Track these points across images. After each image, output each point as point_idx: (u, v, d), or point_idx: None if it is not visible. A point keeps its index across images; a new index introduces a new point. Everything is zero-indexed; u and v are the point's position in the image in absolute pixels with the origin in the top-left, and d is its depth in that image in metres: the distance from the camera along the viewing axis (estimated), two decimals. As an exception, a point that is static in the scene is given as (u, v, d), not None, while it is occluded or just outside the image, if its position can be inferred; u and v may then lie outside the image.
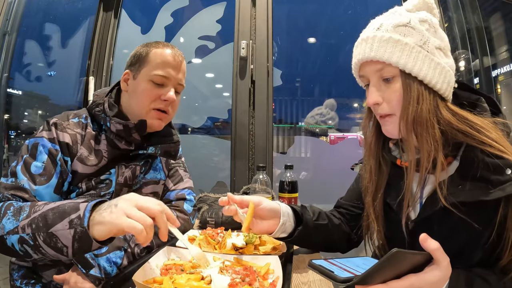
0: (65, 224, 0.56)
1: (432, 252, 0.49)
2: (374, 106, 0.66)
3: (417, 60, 0.60)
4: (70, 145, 0.80)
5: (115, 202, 0.54)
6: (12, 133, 2.22)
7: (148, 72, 0.85)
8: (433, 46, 0.61)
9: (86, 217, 0.55)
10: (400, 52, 0.60)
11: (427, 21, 0.62)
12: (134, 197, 0.55)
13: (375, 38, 0.62)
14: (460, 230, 0.60)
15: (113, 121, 0.82)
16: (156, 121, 0.87)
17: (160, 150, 0.91)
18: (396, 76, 0.62)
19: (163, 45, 0.88)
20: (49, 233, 0.57)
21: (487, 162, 0.56)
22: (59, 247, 0.56)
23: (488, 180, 0.56)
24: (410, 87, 0.60)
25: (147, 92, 0.84)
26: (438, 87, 0.60)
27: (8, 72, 2.02)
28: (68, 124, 0.82)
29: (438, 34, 0.63)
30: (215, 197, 1.33)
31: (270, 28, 1.70)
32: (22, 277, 0.81)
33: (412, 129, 0.60)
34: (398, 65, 0.60)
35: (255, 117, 1.65)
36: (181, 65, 0.89)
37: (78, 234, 0.54)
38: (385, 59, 0.60)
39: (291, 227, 0.75)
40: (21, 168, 0.75)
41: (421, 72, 0.60)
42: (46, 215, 0.58)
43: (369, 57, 0.62)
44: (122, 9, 1.91)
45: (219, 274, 0.58)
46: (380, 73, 0.63)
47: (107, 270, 0.70)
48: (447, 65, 0.62)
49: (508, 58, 2.15)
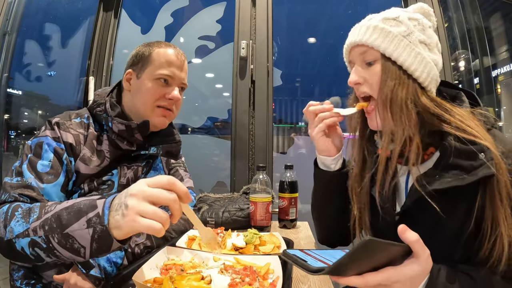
0: (82, 224, 0.52)
1: (411, 244, 0.48)
2: (356, 86, 0.70)
3: (398, 46, 0.63)
4: (73, 146, 0.79)
5: (125, 201, 0.49)
6: (12, 133, 2.22)
7: (152, 72, 0.85)
8: (416, 39, 0.64)
9: (105, 214, 0.51)
10: (383, 37, 0.64)
11: (417, 20, 0.66)
12: (142, 188, 0.49)
13: (363, 26, 0.68)
14: (442, 221, 0.60)
15: (115, 121, 0.82)
16: (161, 118, 0.87)
17: (162, 150, 0.91)
18: (378, 60, 0.66)
19: (165, 44, 0.89)
20: (65, 234, 0.53)
21: (461, 149, 0.58)
22: (76, 248, 0.53)
23: (462, 166, 0.57)
24: (389, 69, 0.64)
25: (152, 91, 0.84)
26: (417, 75, 0.63)
27: (8, 72, 2.02)
28: (70, 124, 0.82)
29: (426, 32, 0.66)
30: (215, 197, 1.33)
31: (270, 28, 1.70)
32: (22, 277, 0.80)
33: (388, 108, 0.63)
34: (379, 48, 0.64)
35: (255, 117, 1.65)
36: (184, 65, 0.90)
37: (98, 233, 0.50)
38: (369, 42, 0.65)
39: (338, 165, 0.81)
40: (27, 166, 0.73)
41: (400, 57, 0.63)
42: (60, 215, 0.55)
43: (356, 41, 0.67)
44: (122, 9, 1.91)
45: (219, 274, 0.58)
46: (363, 56, 0.67)
47: (107, 270, 0.70)
48: (429, 58, 0.64)
49: (508, 58, 2.15)
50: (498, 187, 0.55)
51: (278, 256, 0.68)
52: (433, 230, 0.61)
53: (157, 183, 0.49)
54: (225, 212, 1.16)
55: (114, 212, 0.50)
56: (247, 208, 1.17)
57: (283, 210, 1.18)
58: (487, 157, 0.55)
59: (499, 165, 0.55)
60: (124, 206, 0.49)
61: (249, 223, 1.14)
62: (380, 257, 0.48)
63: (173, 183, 0.50)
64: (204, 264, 0.66)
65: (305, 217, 1.43)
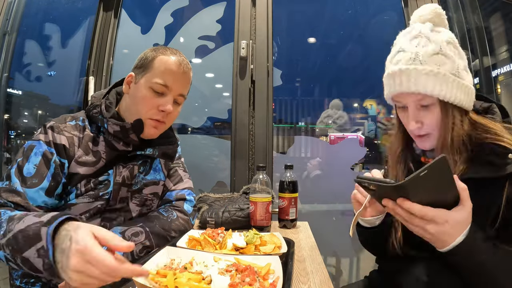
0: (33, 253, 0.54)
1: (460, 191, 0.56)
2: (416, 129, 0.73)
3: (453, 88, 0.67)
4: (67, 147, 0.80)
5: (67, 252, 0.49)
6: (12, 133, 2.22)
7: (149, 79, 0.83)
8: (461, 70, 0.69)
9: (50, 250, 0.52)
10: (440, 85, 0.66)
11: (451, 43, 0.70)
12: (87, 249, 0.48)
13: (412, 71, 0.67)
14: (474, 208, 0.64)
15: (110, 122, 0.82)
16: (152, 129, 0.86)
17: (158, 151, 0.91)
18: (435, 103, 0.69)
19: (171, 52, 0.86)
20: (23, 257, 0.55)
21: (493, 150, 0.65)
22: (36, 269, 0.55)
23: (493, 163, 0.64)
24: (448, 112, 0.69)
25: (145, 100, 0.83)
26: (467, 106, 0.70)
27: (8, 72, 2.02)
28: (65, 127, 0.82)
29: (461, 52, 0.71)
30: (215, 197, 1.33)
31: (270, 28, 1.70)
32: (21, 276, 0.80)
33: (449, 147, 0.69)
34: (439, 96, 0.67)
35: (255, 117, 1.65)
36: (185, 76, 0.87)
37: (47, 265, 0.52)
38: (428, 91, 0.67)
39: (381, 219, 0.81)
40: (14, 171, 0.75)
41: (456, 98, 0.68)
42: (16, 237, 0.57)
43: (411, 90, 0.68)
44: (122, 9, 1.91)
45: (219, 274, 0.58)
46: (419, 102, 0.70)
47: (107, 270, 0.70)
48: (470, 83, 0.70)
49: (508, 58, 2.15)
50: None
51: (280, 255, 0.68)
52: None
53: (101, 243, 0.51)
54: (225, 212, 1.16)
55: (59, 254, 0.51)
56: (247, 208, 1.17)
57: (283, 210, 1.18)
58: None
59: None
60: (65, 258, 0.50)
61: (249, 223, 1.14)
62: (440, 190, 0.56)
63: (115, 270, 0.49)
64: (204, 264, 0.66)
65: (305, 217, 1.43)
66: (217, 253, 0.73)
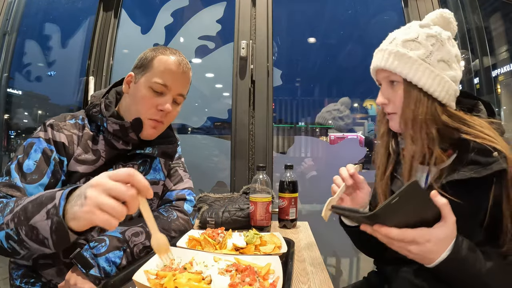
0: (42, 215, 0.53)
1: (440, 207, 0.56)
2: (382, 105, 0.78)
3: (418, 71, 0.70)
4: (66, 145, 0.80)
5: (84, 192, 0.49)
6: (12, 133, 2.22)
7: (149, 79, 0.83)
8: (435, 59, 0.70)
9: (61, 205, 0.51)
10: (404, 64, 0.71)
11: (435, 36, 0.72)
12: (102, 181, 0.49)
13: (386, 50, 0.74)
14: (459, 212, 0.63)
15: (110, 121, 0.83)
16: (150, 130, 0.86)
17: (157, 150, 0.91)
18: (400, 82, 0.73)
19: (170, 52, 0.86)
20: (30, 225, 0.54)
21: (478, 148, 0.65)
22: (41, 239, 0.54)
23: (478, 162, 0.64)
24: (410, 93, 0.71)
25: (145, 100, 0.83)
26: (437, 95, 0.70)
27: (8, 72, 2.02)
28: (64, 125, 0.83)
29: (445, 48, 0.71)
30: (215, 197, 1.33)
31: (270, 28, 1.70)
32: (21, 276, 0.80)
33: (410, 126, 0.71)
34: (401, 74, 0.71)
35: (255, 117, 1.65)
36: (184, 76, 0.87)
37: (55, 225, 0.51)
38: (391, 69, 0.72)
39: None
40: (14, 166, 0.75)
41: (420, 81, 0.70)
42: (26, 207, 0.57)
43: (380, 66, 0.74)
44: (122, 9, 1.91)
45: (219, 274, 0.58)
46: (388, 79, 0.76)
47: (106, 270, 0.70)
48: (448, 76, 0.70)
49: (508, 58, 2.15)
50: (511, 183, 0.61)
51: (280, 255, 0.68)
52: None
53: (117, 176, 0.49)
54: (225, 212, 1.16)
55: (73, 203, 0.51)
56: (247, 208, 1.17)
57: (283, 210, 1.18)
58: (501, 155, 0.62)
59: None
60: (83, 197, 0.49)
61: (249, 223, 1.14)
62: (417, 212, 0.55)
63: (132, 175, 0.49)
64: (204, 264, 0.66)
65: (305, 217, 1.43)
66: (217, 253, 0.73)
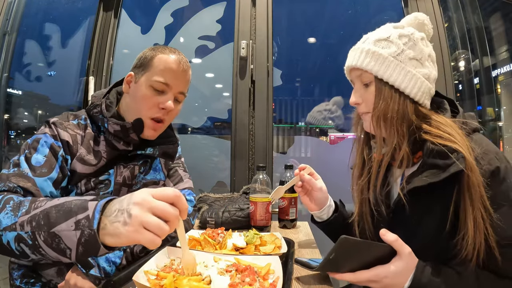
0: (70, 225, 0.50)
1: (391, 243, 0.57)
2: (356, 105, 0.78)
3: (389, 67, 0.70)
4: (70, 144, 0.80)
5: (127, 208, 0.47)
6: (12, 133, 2.22)
7: (149, 77, 0.84)
8: (406, 57, 0.70)
9: (96, 218, 0.48)
10: (375, 61, 0.71)
11: (407, 36, 0.71)
12: (147, 199, 0.47)
13: (358, 49, 0.74)
14: (424, 218, 0.66)
15: (111, 122, 0.83)
16: (150, 131, 0.86)
17: (158, 151, 0.91)
18: (372, 81, 0.72)
19: (169, 51, 0.87)
20: (51, 232, 0.51)
21: (437, 150, 0.64)
22: (62, 248, 0.51)
23: (438, 165, 0.64)
24: (381, 90, 0.71)
25: (145, 98, 0.83)
26: (408, 92, 0.69)
27: (8, 72, 2.02)
28: (68, 125, 0.83)
29: (417, 47, 0.71)
30: (215, 197, 1.33)
31: (270, 28, 1.70)
32: (21, 276, 0.81)
33: (381, 123, 0.71)
34: (372, 71, 0.71)
35: (255, 117, 1.65)
36: (185, 74, 0.87)
37: (85, 237, 0.48)
38: (363, 67, 0.72)
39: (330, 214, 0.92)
40: (23, 159, 0.75)
41: (391, 77, 0.69)
42: (48, 212, 0.53)
43: (352, 65, 0.74)
44: (122, 9, 1.91)
45: (219, 275, 0.58)
46: (360, 78, 0.75)
47: (106, 270, 0.70)
48: (420, 74, 0.70)
49: (508, 58, 2.15)
50: (468, 186, 0.60)
51: (280, 255, 0.68)
52: (417, 227, 0.68)
53: (163, 195, 0.48)
54: (225, 212, 1.16)
55: (113, 218, 0.48)
56: (247, 208, 1.17)
57: (283, 210, 1.18)
58: (458, 156, 0.61)
59: (470, 165, 0.60)
60: (127, 214, 0.46)
61: (249, 223, 1.14)
62: (366, 255, 0.56)
63: (179, 197, 0.48)
64: (204, 264, 0.66)
65: (305, 217, 1.43)
66: (217, 253, 0.73)
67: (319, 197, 0.90)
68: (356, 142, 0.85)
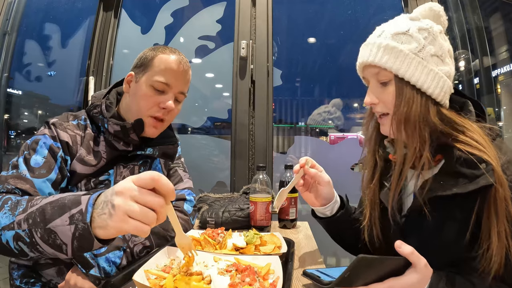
0: (65, 220, 0.50)
1: (407, 256, 0.52)
2: (372, 106, 0.72)
3: (410, 66, 0.64)
4: (70, 145, 0.80)
5: (111, 199, 0.47)
6: (12, 133, 2.22)
7: (150, 77, 0.84)
8: (428, 53, 0.64)
9: (89, 212, 0.48)
10: (394, 58, 0.64)
11: (427, 30, 0.66)
12: (128, 187, 0.46)
13: (374, 44, 0.67)
14: (443, 226, 0.63)
15: (111, 122, 0.83)
16: (151, 129, 0.86)
17: (158, 151, 0.91)
18: (391, 80, 0.66)
19: (170, 51, 0.87)
20: (47, 229, 0.51)
21: (464, 159, 0.60)
22: (58, 244, 0.51)
23: (464, 175, 0.60)
24: (403, 90, 0.65)
25: (146, 98, 0.84)
26: (430, 92, 0.64)
27: (8, 72, 2.02)
28: (68, 125, 0.83)
29: (437, 42, 0.66)
30: (215, 197, 1.33)
31: (270, 28, 1.70)
32: (21, 276, 0.80)
33: (402, 128, 0.65)
34: (392, 70, 0.65)
35: (255, 117, 1.65)
36: (185, 74, 0.88)
37: (79, 231, 0.49)
38: (381, 64, 0.65)
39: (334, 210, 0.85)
40: (22, 160, 0.75)
41: (413, 77, 0.64)
42: (44, 209, 0.53)
43: (368, 61, 0.68)
44: (122, 9, 1.91)
45: (219, 274, 0.58)
46: (377, 77, 0.68)
47: (106, 270, 0.70)
48: (442, 72, 0.65)
49: (508, 58, 2.15)
50: (495, 199, 0.57)
51: (280, 255, 0.68)
52: (434, 235, 0.64)
53: (140, 181, 0.47)
54: (225, 212, 1.16)
55: (100, 210, 0.48)
56: (247, 208, 1.17)
57: (283, 210, 1.18)
58: (488, 168, 0.57)
59: (500, 179, 0.56)
60: (110, 205, 0.46)
61: (249, 223, 1.14)
62: (380, 269, 0.54)
63: (157, 179, 0.47)
64: (204, 264, 0.66)
65: (305, 217, 1.43)
66: (217, 253, 0.73)
67: (325, 192, 0.83)
68: (367, 142, 0.80)
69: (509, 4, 2.11)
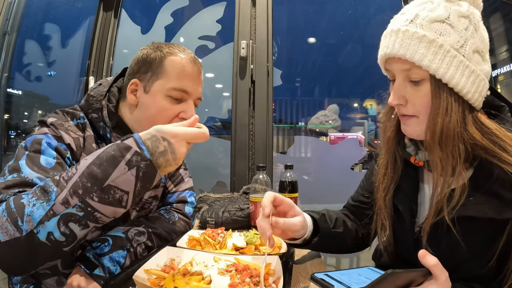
0: (123, 168, 0.50)
1: (430, 268, 0.48)
2: (397, 105, 0.61)
3: (451, 65, 0.53)
4: (73, 149, 0.73)
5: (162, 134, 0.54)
6: (12, 133, 2.22)
7: (164, 86, 0.74)
8: (470, 49, 0.54)
9: (144, 150, 0.52)
10: (433, 55, 0.53)
11: (468, 17, 0.55)
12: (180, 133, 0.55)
13: (406, 32, 0.55)
14: (466, 243, 0.56)
15: (114, 135, 0.77)
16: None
17: None
18: (425, 80, 0.56)
19: (179, 50, 0.77)
20: (105, 187, 0.50)
21: (503, 178, 0.52)
22: (118, 198, 0.52)
23: (501, 196, 0.53)
24: (440, 94, 0.55)
25: (165, 112, 0.74)
26: (469, 97, 0.55)
27: (8, 72, 2.02)
28: (69, 126, 0.75)
29: (479, 33, 0.56)
30: (215, 197, 1.33)
31: (270, 28, 1.70)
32: (21, 281, 0.79)
33: (439, 140, 0.55)
34: (429, 69, 0.54)
35: (255, 117, 1.65)
36: (200, 75, 0.80)
37: (143, 170, 0.51)
38: (416, 60, 0.54)
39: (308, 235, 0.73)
40: (25, 162, 0.63)
41: (453, 79, 0.54)
42: (91, 172, 0.50)
43: (398, 54, 0.56)
44: (122, 9, 1.91)
45: (219, 275, 0.59)
46: (408, 73, 0.57)
47: (111, 270, 0.70)
48: (483, 72, 0.56)
49: (508, 58, 2.15)
50: None
51: (280, 255, 0.68)
52: (455, 251, 0.58)
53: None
54: (225, 212, 1.16)
55: (152, 145, 0.53)
56: (247, 208, 1.17)
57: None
58: None
59: None
60: (169, 153, 0.53)
61: (249, 223, 1.14)
62: (401, 281, 0.51)
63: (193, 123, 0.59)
64: (204, 264, 0.66)
65: (305, 217, 1.43)
66: (217, 253, 0.73)
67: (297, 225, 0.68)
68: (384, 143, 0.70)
69: (509, 4, 2.11)
